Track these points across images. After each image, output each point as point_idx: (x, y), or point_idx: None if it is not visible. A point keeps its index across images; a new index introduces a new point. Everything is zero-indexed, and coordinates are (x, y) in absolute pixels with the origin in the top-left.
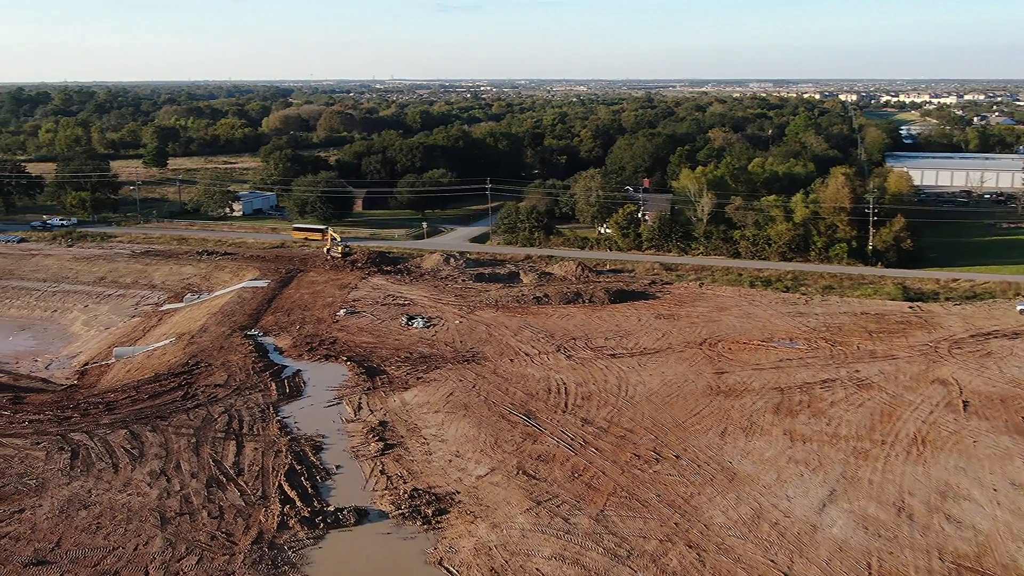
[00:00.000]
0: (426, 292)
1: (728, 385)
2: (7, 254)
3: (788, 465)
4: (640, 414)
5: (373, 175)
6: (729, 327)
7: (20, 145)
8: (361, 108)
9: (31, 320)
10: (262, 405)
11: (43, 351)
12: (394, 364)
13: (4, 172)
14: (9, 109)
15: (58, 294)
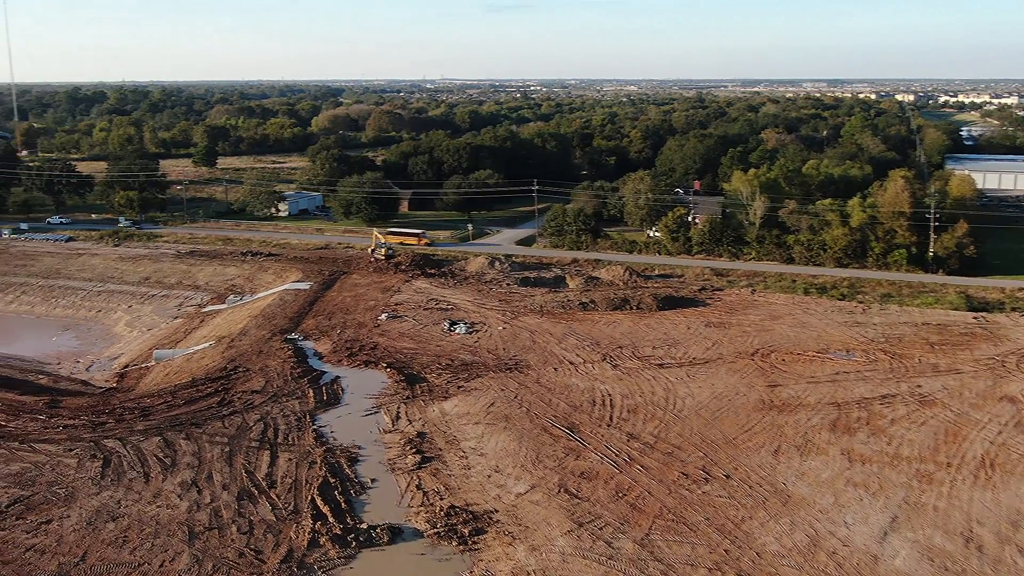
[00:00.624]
0: (470, 296)
1: (781, 399)
2: (55, 253)
3: (846, 488)
4: (688, 429)
5: (419, 176)
6: (782, 337)
7: (74, 144)
8: (410, 108)
9: (76, 320)
10: (298, 413)
11: (85, 352)
12: (435, 371)
13: (55, 171)
14: (66, 108)
15: (103, 294)
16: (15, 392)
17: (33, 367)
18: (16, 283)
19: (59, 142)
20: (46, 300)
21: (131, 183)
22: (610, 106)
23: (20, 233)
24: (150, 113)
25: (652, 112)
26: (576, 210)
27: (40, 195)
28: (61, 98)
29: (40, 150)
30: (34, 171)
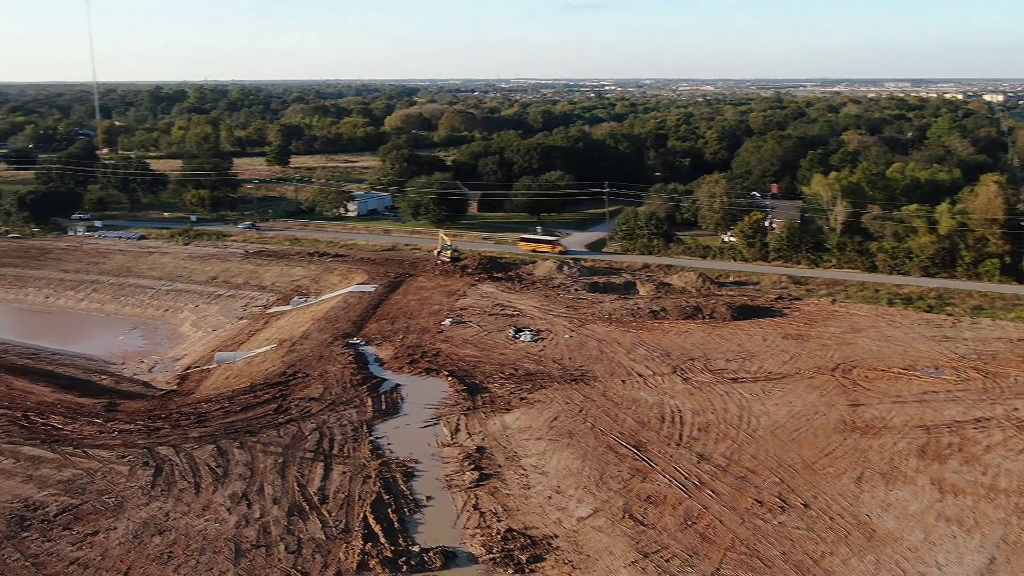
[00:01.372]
0: (536, 302)
1: (864, 420)
2: (127, 251)
3: (937, 523)
4: (763, 451)
5: (489, 176)
6: (865, 351)
7: (153, 142)
8: (483, 107)
9: (144, 319)
10: (355, 423)
11: (150, 352)
12: (497, 381)
13: (129, 170)
14: (147, 107)
15: (171, 293)
16: (75, 394)
17: (98, 367)
18: (88, 281)
19: (138, 140)
20: (116, 298)
21: (203, 181)
22: (685, 106)
23: (94, 231)
24: (227, 112)
25: (728, 112)
26: (648, 213)
27: (115, 193)
28: (143, 97)
29: (120, 148)
30: (109, 169)
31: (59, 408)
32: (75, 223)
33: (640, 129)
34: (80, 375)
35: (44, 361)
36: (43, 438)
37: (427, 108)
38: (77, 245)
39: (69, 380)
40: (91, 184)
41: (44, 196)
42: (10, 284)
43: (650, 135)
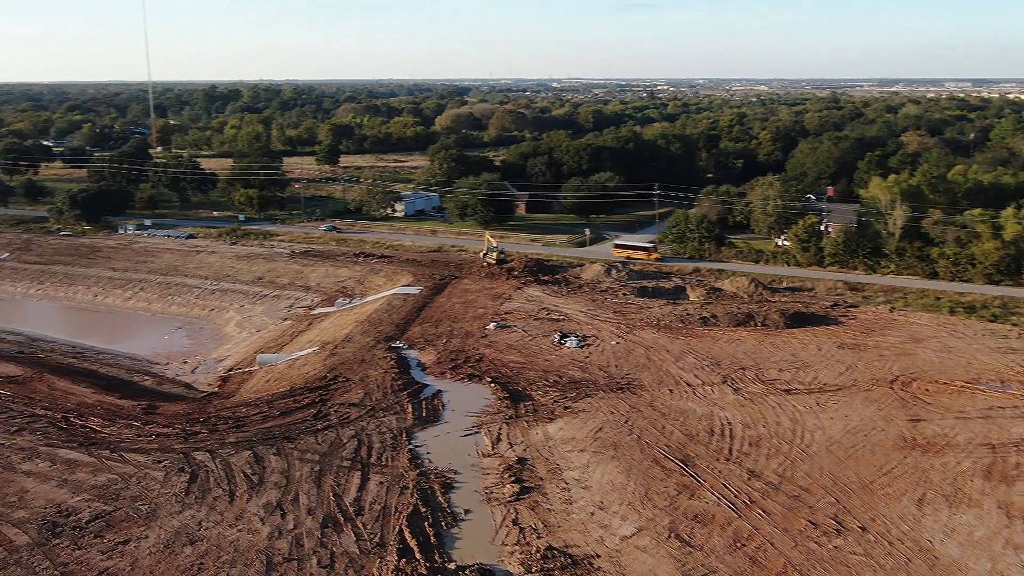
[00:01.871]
0: (583, 306)
1: (926, 437)
2: (175, 250)
3: (1005, 551)
4: (818, 468)
5: (538, 177)
6: (926, 363)
7: (206, 141)
8: (534, 107)
9: (189, 318)
10: (395, 430)
11: (194, 352)
12: (541, 388)
13: (179, 168)
14: (202, 106)
15: (217, 292)
16: (116, 395)
17: (142, 367)
18: (136, 279)
19: (191, 139)
20: (162, 297)
21: (251, 181)
22: (739, 106)
23: (144, 229)
24: (280, 111)
25: (783, 113)
26: (699, 216)
27: (166, 191)
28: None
29: (174, 147)
30: (160, 168)
31: (99, 410)
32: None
33: (692, 130)
34: (123, 375)
35: (89, 360)
36: (81, 441)
37: (478, 108)
38: (127, 244)
39: (111, 381)
40: (142, 183)
41: (95, 194)
42: (60, 282)
43: (702, 136)
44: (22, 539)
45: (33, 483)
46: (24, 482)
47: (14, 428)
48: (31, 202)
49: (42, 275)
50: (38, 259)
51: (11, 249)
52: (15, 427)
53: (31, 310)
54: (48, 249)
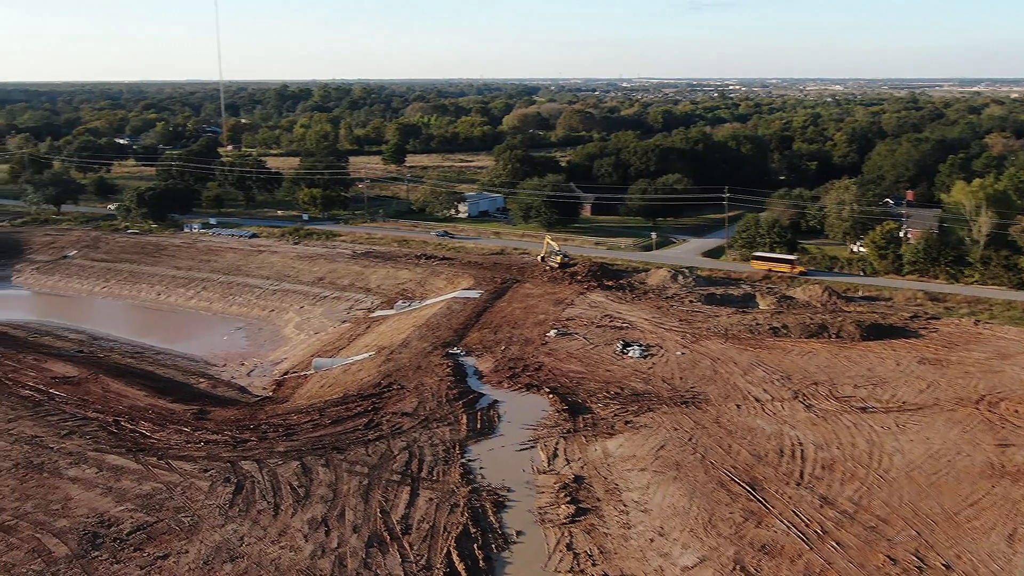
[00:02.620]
0: (648, 314)
1: (1016, 464)
2: (238, 249)
3: None
4: (897, 497)
5: (604, 178)
6: (1014, 381)
7: (275, 140)
8: (603, 107)
9: (249, 318)
10: (448, 442)
11: (251, 354)
12: (602, 401)
13: (245, 167)
14: (274, 105)
15: (277, 293)
16: (168, 399)
17: (198, 368)
18: (199, 278)
19: (261, 138)
20: (224, 297)
21: (315, 180)
22: (813, 106)
23: (208, 228)
24: (349, 110)
25: (859, 113)
26: (771, 220)
27: (232, 190)
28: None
29: (244, 145)
30: (227, 167)
31: (150, 414)
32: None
33: (764, 130)
34: (179, 377)
35: (146, 361)
36: (129, 446)
37: (546, 107)
38: (191, 242)
39: (166, 383)
40: (210, 181)
41: (162, 193)
42: (125, 280)
43: (774, 137)
44: (61, 550)
45: (78, 490)
46: (69, 489)
47: (65, 431)
48: (102, 199)
49: (108, 273)
50: (105, 257)
51: (79, 246)
52: (66, 430)
53: (96, 308)
54: (115, 247)
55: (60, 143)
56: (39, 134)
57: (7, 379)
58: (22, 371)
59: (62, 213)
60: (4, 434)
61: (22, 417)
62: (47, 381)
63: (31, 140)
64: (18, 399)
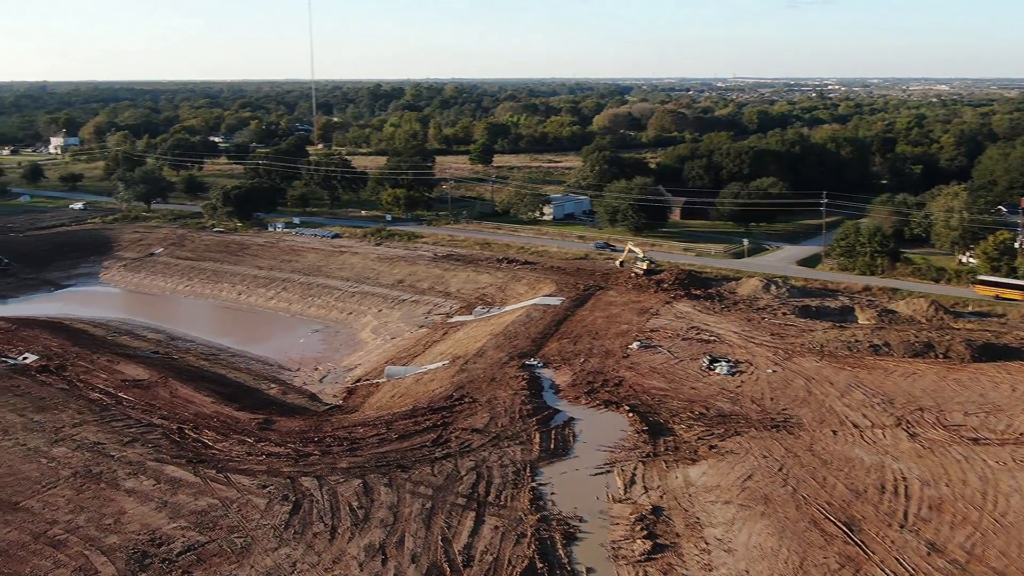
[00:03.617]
0: (737, 326)
1: None
2: (320, 250)
3: None
4: (1016, 545)
5: (695, 181)
6: None
7: (364, 139)
8: (696, 107)
9: (327, 321)
10: (519, 463)
11: (326, 359)
12: (685, 422)
13: (331, 167)
14: (366, 104)
15: (356, 295)
16: (234, 406)
17: (271, 372)
18: (279, 279)
19: (351, 136)
20: (303, 298)
21: (400, 180)
22: (917, 107)
23: (292, 227)
24: (439, 109)
25: (967, 114)
26: (872, 227)
27: (318, 190)
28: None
29: (334, 144)
30: (312, 166)
31: (214, 422)
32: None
33: (865, 132)
34: (250, 381)
35: (220, 364)
36: (190, 456)
37: (637, 107)
38: (274, 242)
39: (235, 388)
40: (296, 180)
41: (247, 192)
42: (207, 279)
43: (876, 139)
44: (108, 570)
45: (133, 504)
46: (124, 502)
47: (127, 439)
48: (191, 197)
49: (191, 271)
50: (190, 255)
51: (166, 244)
52: (129, 438)
53: (177, 306)
54: (200, 245)
55: (156, 141)
56: (137, 132)
57: (79, 380)
58: (94, 373)
59: (152, 211)
60: (68, 440)
61: (88, 422)
62: (117, 384)
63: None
64: (86, 402)
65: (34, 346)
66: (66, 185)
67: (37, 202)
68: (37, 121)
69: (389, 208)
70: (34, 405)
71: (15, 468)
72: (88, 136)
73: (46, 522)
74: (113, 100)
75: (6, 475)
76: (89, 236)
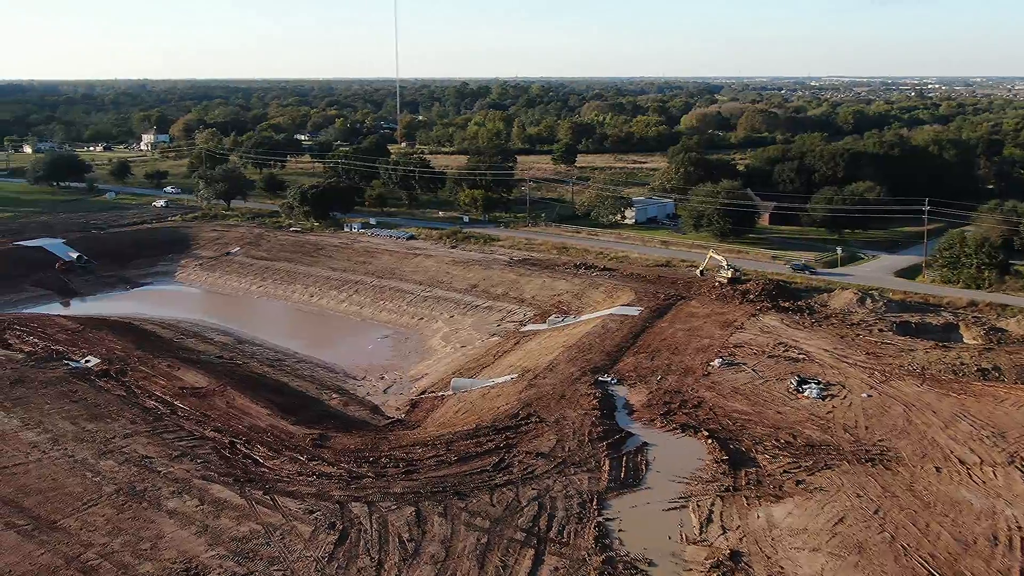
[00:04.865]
0: (828, 343)
1: None
2: (394, 252)
3: None
4: None
5: (786, 185)
6: None
7: (448, 137)
8: (788, 106)
9: (397, 326)
10: (585, 494)
11: (394, 366)
12: (769, 451)
13: (408, 166)
14: (452, 102)
15: (428, 300)
16: (291, 419)
17: (335, 381)
18: (352, 281)
19: (435, 135)
20: (375, 301)
21: (478, 181)
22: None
23: (368, 228)
24: (525, 108)
25: None
26: (978, 237)
27: (396, 189)
28: (450, 92)
29: (418, 143)
30: (390, 165)
31: (268, 436)
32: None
33: (969, 134)
34: (312, 391)
35: (283, 371)
36: (238, 475)
37: (726, 107)
38: (349, 243)
39: (295, 398)
40: (375, 179)
41: (324, 191)
42: (281, 280)
43: (982, 141)
44: None
45: (173, 527)
46: (164, 524)
47: (177, 453)
48: (271, 196)
49: (266, 272)
50: (265, 255)
51: (242, 243)
52: (178, 452)
53: (249, 307)
54: (275, 245)
55: (243, 138)
56: (225, 129)
57: (137, 387)
58: (153, 379)
59: (231, 209)
60: (116, 452)
61: (139, 433)
62: (175, 392)
63: (216, 135)
64: (141, 411)
65: (98, 348)
66: (151, 182)
67: (122, 199)
68: (131, 118)
69: (467, 209)
70: (88, 413)
71: (59, 482)
72: (177, 133)
73: (81, 544)
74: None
75: (49, 489)
76: (168, 234)
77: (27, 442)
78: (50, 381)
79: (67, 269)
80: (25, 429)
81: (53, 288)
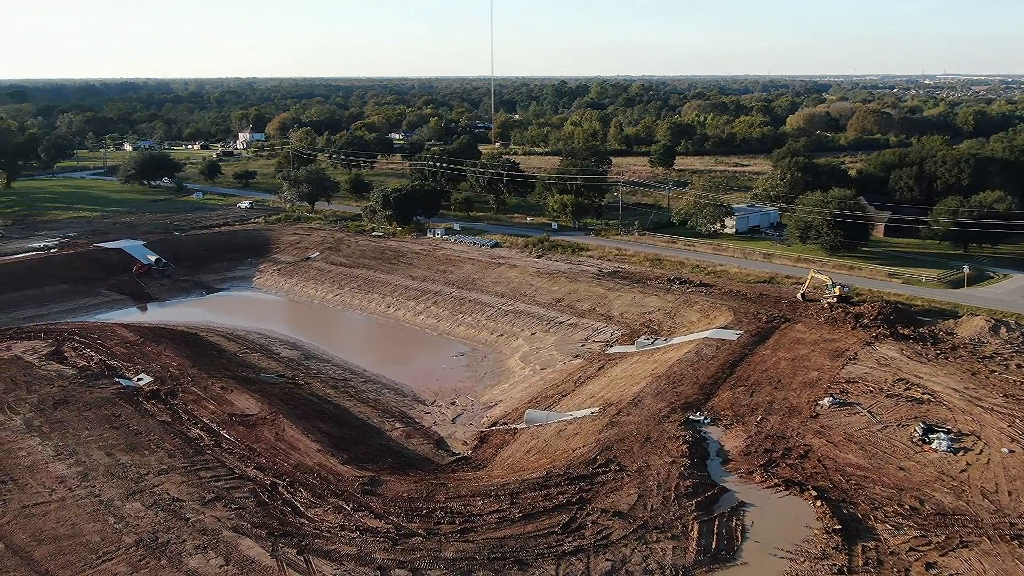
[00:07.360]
0: (957, 381)
1: None
2: (477, 260)
3: None
4: None
5: (903, 193)
6: None
7: (543, 137)
8: (902, 106)
9: (475, 343)
10: (668, 569)
11: (466, 389)
12: (891, 519)
13: (496, 169)
14: (549, 101)
15: (510, 314)
16: (343, 457)
17: (401, 406)
18: (432, 291)
19: (529, 135)
20: (453, 315)
21: (568, 185)
22: None
23: (452, 234)
24: (624, 107)
25: None
26: None
27: (483, 193)
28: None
29: (512, 142)
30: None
31: (314, 478)
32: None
33: None
34: (373, 419)
35: (347, 392)
36: (273, 527)
37: (835, 106)
38: (431, 250)
39: (353, 429)
40: (462, 182)
41: (407, 194)
42: (358, 288)
43: None
44: None
45: None
46: None
47: (211, 496)
48: (356, 198)
49: (343, 279)
50: (344, 261)
51: (322, 248)
52: (213, 494)
53: (323, 318)
54: (355, 250)
55: (336, 138)
56: (319, 128)
57: (184, 411)
58: (203, 402)
59: (315, 211)
60: (147, 492)
61: (175, 469)
62: (222, 419)
63: (310, 134)
64: (183, 441)
65: (154, 364)
66: (239, 182)
67: (208, 199)
68: (230, 116)
69: (555, 215)
70: (126, 442)
71: (79, 528)
72: (272, 132)
73: None
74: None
75: (66, 536)
76: (249, 237)
77: (55, 476)
78: (95, 403)
79: (145, 272)
80: (57, 460)
81: (129, 292)
